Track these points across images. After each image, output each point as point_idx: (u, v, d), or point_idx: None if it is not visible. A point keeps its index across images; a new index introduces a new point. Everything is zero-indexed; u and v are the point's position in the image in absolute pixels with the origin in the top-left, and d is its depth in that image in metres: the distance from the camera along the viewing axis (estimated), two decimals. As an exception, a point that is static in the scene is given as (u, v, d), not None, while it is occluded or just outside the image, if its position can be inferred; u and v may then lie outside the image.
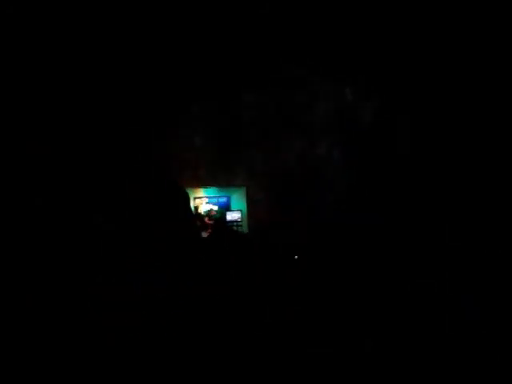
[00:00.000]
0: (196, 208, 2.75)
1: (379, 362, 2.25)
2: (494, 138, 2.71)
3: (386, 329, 2.37)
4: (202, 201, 2.77)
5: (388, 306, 2.46)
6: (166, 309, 2.30)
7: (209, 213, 2.77)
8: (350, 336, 2.32)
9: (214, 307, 2.34)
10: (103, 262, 2.35)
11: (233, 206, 2.82)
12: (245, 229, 2.76)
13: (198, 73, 2.72)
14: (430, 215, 2.69)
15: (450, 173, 2.75)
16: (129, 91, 2.60)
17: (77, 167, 2.46)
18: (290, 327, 2.33)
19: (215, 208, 2.81)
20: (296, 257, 2.46)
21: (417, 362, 2.25)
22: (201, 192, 2.76)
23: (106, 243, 2.39)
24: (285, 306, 2.39)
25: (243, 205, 2.82)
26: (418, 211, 2.70)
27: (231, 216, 2.79)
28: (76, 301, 2.27)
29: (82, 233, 2.39)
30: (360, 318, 2.40)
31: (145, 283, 2.32)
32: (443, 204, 2.68)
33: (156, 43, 2.59)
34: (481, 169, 2.73)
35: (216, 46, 2.69)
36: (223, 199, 2.84)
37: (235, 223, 2.79)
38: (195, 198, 2.73)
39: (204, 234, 2.63)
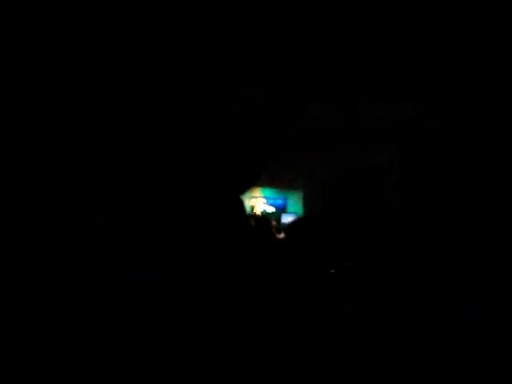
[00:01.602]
0: (252, 208, 2.72)
1: (379, 362, 2.25)
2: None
3: (386, 329, 2.37)
4: (259, 201, 2.73)
5: (388, 305, 2.46)
6: (167, 309, 2.30)
7: (262, 213, 2.73)
8: (350, 336, 2.32)
9: (217, 308, 2.34)
10: (103, 262, 2.35)
11: (289, 209, 2.78)
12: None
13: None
14: (431, 217, 2.68)
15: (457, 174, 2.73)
16: (130, 90, 2.59)
17: (77, 167, 2.46)
18: (290, 327, 2.33)
19: (271, 209, 2.77)
20: (347, 264, 2.40)
21: (417, 362, 2.25)
22: (258, 192, 2.71)
23: (105, 243, 2.39)
24: (286, 306, 2.39)
25: (299, 208, 2.77)
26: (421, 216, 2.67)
27: (286, 219, 2.75)
28: (76, 301, 2.27)
29: (82, 233, 2.39)
30: (360, 317, 2.40)
31: (145, 283, 2.32)
32: (444, 204, 2.67)
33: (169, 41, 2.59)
34: (480, 168, 2.73)
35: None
36: (280, 201, 2.79)
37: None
38: (252, 198, 2.68)
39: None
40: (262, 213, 2.71)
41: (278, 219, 2.76)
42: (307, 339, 2.29)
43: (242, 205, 2.47)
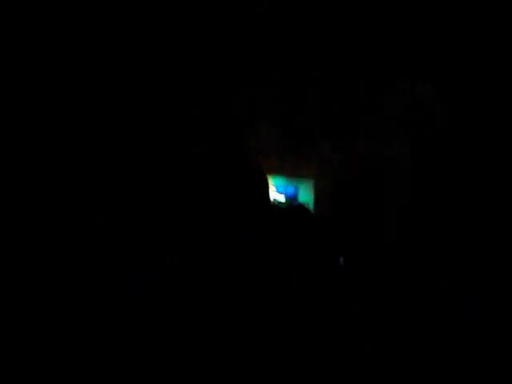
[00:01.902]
0: None
1: (379, 361, 2.25)
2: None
3: (386, 329, 2.37)
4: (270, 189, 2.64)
5: (388, 305, 2.46)
6: (167, 309, 2.30)
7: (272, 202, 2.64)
8: (350, 336, 2.33)
9: (218, 308, 2.34)
10: (103, 262, 2.35)
11: (300, 198, 2.69)
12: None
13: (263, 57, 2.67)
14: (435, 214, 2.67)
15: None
16: (130, 90, 2.60)
17: (77, 167, 2.46)
18: (290, 327, 2.33)
19: (281, 198, 2.67)
20: (342, 259, 2.36)
21: (417, 362, 2.25)
22: (269, 180, 2.62)
23: (105, 243, 2.39)
24: (287, 307, 2.39)
25: (310, 198, 2.68)
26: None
27: None
28: (76, 301, 2.27)
29: (82, 233, 2.39)
30: (360, 317, 2.40)
31: (145, 283, 2.33)
32: (446, 203, 2.65)
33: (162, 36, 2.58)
34: (484, 165, 2.72)
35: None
36: (291, 190, 2.71)
37: None
38: None
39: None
40: (272, 201, 2.64)
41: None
42: (307, 339, 2.29)
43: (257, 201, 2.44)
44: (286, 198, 2.67)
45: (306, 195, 2.68)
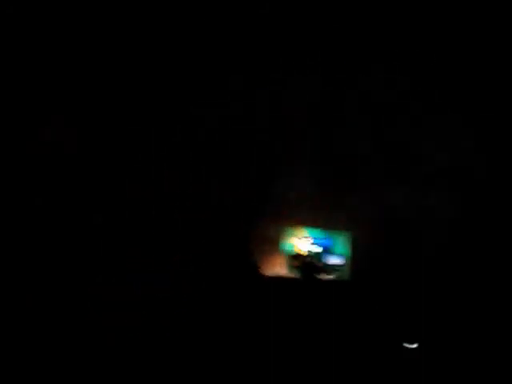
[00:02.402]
0: (295, 247, 2.69)
1: (378, 361, 2.25)
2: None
3: (386, 330, 2.37)
4: (302, 240, 2.69)
5: (389, 307, 2.46)
6: (167, 309, 2.30)
7: (308, 253, 2.67)
8: (351, 337, 2.33)
9: (216, 308, 2.34)
10: (103, 262, 2.35)
11: (336, 251, 2.72)
12: (346, 276, 2.67)
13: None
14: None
15: None
16: (130, 90, 2.60)
17: (77, 167, 2.46)
18: (291, 328, 2.33)
19: (318, 249, 2.71)
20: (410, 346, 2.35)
21: (416, 363, 2.26)
22: (303, 232, 2.68)
23: (105, 243, 2.39)
24: (286, 306, 2.39)
25: (346, 250, 2.72)
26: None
27: (331, 260, 2.69)
28: (76, 301, 2.27)
29: (82, 233, 2.39)
30: (360, 321, 2.40)
31: (145, 283, 2.33)
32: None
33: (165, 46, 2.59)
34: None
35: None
36: (325, 241, 2.74)
37: (335, 267, 2.68)
38: (296, 237, 2.67)
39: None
40: (307, 252, 2.67)
41: (322, 259, 2.72)
42: (307, 340, 2.30)
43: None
44: (321, 249, 2.68)
45: (342, 247, 2.70)
